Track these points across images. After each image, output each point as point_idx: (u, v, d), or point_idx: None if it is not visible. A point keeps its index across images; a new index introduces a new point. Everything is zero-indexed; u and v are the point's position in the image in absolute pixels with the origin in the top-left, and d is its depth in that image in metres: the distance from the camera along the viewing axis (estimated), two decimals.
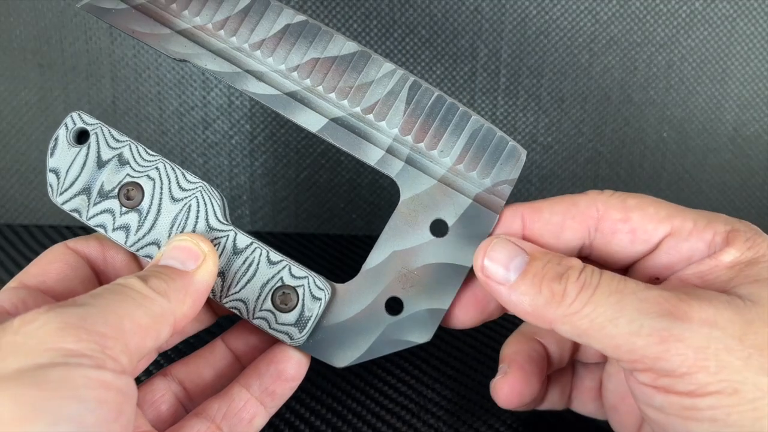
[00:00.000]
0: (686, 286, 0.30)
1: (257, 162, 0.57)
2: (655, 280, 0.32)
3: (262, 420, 0.33)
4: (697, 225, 0.31)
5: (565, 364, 0.37)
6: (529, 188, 0.58)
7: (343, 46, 0.33)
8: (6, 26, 0.53)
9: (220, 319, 0.37)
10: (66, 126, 0.33)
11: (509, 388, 0.35)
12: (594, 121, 0.56)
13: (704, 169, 0.58)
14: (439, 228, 0.33)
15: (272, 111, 0.49)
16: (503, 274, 0.29)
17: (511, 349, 0.36)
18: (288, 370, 0.33)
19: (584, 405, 0.38)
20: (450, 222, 0.33)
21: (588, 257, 0.33)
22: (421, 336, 0.33)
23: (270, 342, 0.34)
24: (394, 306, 0.33)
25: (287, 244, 0.57)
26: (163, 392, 0.34)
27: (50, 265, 0.32)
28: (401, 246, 0.33)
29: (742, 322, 0.26)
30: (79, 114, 0.33)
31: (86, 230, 0.58)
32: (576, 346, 0.37)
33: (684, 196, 0.58)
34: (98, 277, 0.34)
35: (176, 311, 0.28)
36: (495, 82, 0.55)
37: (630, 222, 0.31)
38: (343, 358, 0.33)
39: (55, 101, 0.55)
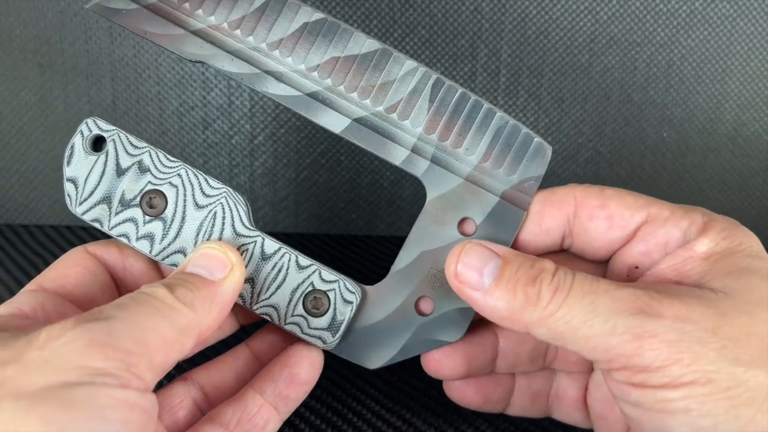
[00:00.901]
0: (661, 282, 0.30)
1: (257, 162, 0.57)
2: (635, 270, 0.32)
3: (275, 425, 0.33)
4: (675, 214, 0.31)
5: (527, 368, 0.36)
6: None
7: (364, 44, 0.32)
8: (6, 26, 0.53)
9: (247, 326, 0.36)
10: (81, 133, 0.32)
11: (438, 355, 0.34)
12: (594, 121, 0.56)
13: (704, 169, 0.58)
14: (466, 227, 0.33)
15: (274, 111, 0.49)
16: (477, 279, 0.29)
17: None
18: (302, 374, 0.33)
19: (568, 415, 0.37)
20: (478, 220, 0.33)
21: (570, 248, 0.34)
22: (453, 335, 0.33)
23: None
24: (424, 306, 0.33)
25: (287, 244, 0.56)
26: (182, 398, 0.33)
27: (69, 269, 0.32)
28: (430, 246, 0.33)
29: (715, 315, 0.27)
30: (94, 120, 0.32)
31: (88, 230, 0.58)
32: (543, 354, 0.36)
33: (684, 196, 0.58)
34: (116, 283, 0.33)
35: (202, 322, 0.28)
36: (495, 82, 0.55)
37: (607, 209, 0.32)
38: (376, 359, 0.33)
39: (55, 101, 0.55)
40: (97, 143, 0.32)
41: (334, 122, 0.33)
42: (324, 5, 0.53)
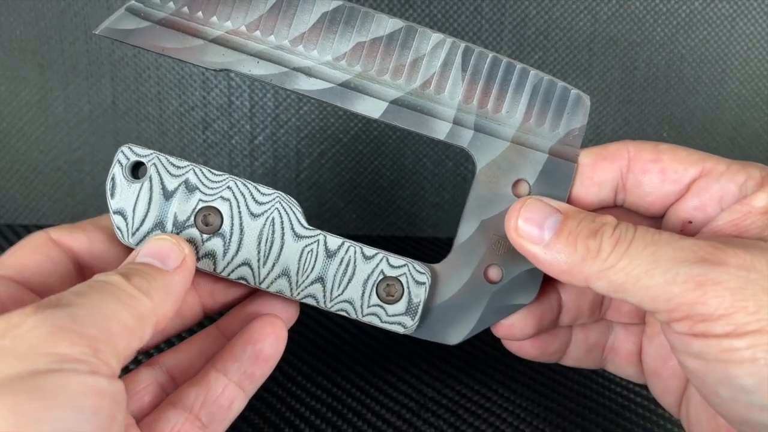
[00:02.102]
0: (721, 236, 0.30)
1: (257, 162, 0.57)
2: (689, 224, 0.32)
3: (241, 403, 0.32)
4: (730, 168, 0.31)
5: (586, 320, 0.36)
6: None
7: (387, 24, 0.32)
8: (6, 26, 0.53)
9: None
10: (119, 163, 0.31)
11: (509, 320, 0.34)
12: (594, 121, 0.56)
13: None
14: (520, 188, 0.33)
15: (273, 111, 0.49)
16: (538, 234, 0.29)
17: None
18: (266, 350, 0.32)
19: (621, 368, 0.37)
20: (531, 180, 0.33)
21: (623, 205, 0.33)
22: (526, 297, 0.33)
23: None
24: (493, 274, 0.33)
25: None
26: (148, 383, 0.32)
27: (29, 256, 0.31)
28: (488, 214, 0.33)
29: None
30: (129, 147, 0.31)
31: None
32: (600, 304, 0.36)
33: None
34: (82, 272, 0.32)
35: (158, 311, 0.27)
36: None
37: (660, 162, 0.32)
38: (456, 334, 0.33)
39: (55, 101, 0.55)
40: (137, 170, 0.32)
41: (371, 108, 0.32)
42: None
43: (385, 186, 0.57)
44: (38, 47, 0.54)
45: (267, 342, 0.32)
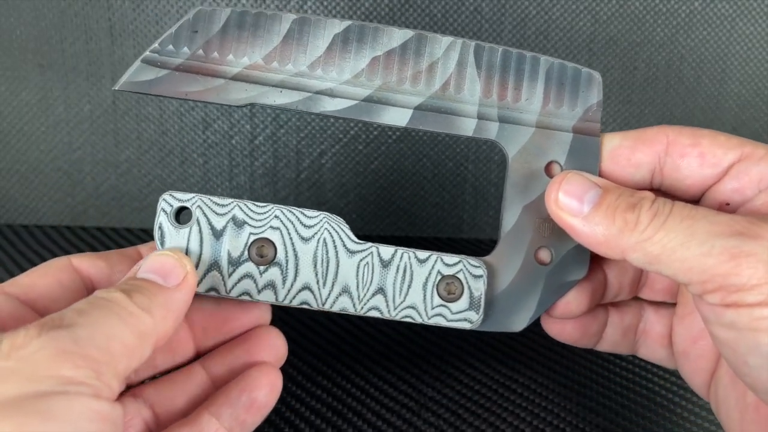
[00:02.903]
0: (757, 215, 0.31)
1: (257, 162, 0.57)
2: (726, 206, 0.32)
3: None
4: None
5: (625, 296, 0.37)
6: None
7: (397, 35, 0.33)
8: (7, 26, 0.53)
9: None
10: (164, 211, 0.32)
11: (565, 298, 0.35)
12: None
13: None
14: (554, 170, 0.34)
15: (274, 112, 0.49)
16: (577, 206, 0.30)
17: None
18: (261, 398, 0.32)
19: (653, 351, 0.37)
20: (561, 160, 0.34)
21: (659, 188, 0.34)
22: (578, 273, 0.34)
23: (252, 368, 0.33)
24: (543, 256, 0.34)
25: None
26: (133, 416, 0.32)
27: (41, 279, 0.31)
28: (528, 199, 0.34)
29: None
30: (170, 194, 0.32)
31: (88, 230, 0.58)
32: (638, 281, 0.37)
33: None
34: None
35: (159, 329, 0.27)
36: None
37: (699, 147, 0.32)
38: (519, 321, 0.34)
39: (55, 101, 0.55)
40: (181, 215, 0.32)
41: (397, 117, 0.33)
42: (323, 7, 0.53)
43: (385, 186, 0.57)
44: (38, 47, 0.54)
45: (262, 392, 0.32)
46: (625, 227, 0.29)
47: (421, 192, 0.57)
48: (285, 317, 0.46)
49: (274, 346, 0.34)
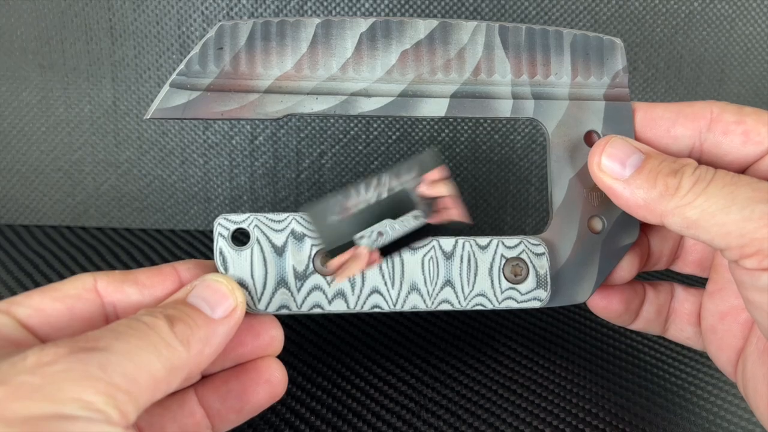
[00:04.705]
0: None
1: (257, 162, 0.56)
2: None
3: None
4: None
5: (662, 266, 0.38)
6: (529, 188, 0.57)
7: (422, 26, 0.33)
8: (7, 27, 0.53)
9: None
10: (221, 236, 0.31)
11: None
12: None
13: None
14: (593, 139, 0.34)
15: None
16: (619, 170, 0.30)
17: None
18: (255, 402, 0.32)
19: (681, 330, 0.37)
20: (599, 128, 0.34)
21: (698, 161, 0.33)
22: (631, 236, 0.35)
23: (248, 404, 0.32)
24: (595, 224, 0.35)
25: None
26: None
27: (52, 303, 0.29)
28: (573, 171, 0.34)
29: None
30: (224, 218, 0.31)
31: (88, 230, 0.57)
32: (676, 250, 0.37)
33: None
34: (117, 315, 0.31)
35: (191, 363, 0.26)
36: None
37: (744, 124, 0.32)
38: (583, 292, 0.34)
39: (55, 102, 0.55)
40: (238, 236, 0.32)
41: (435, 108, 0.33)
42: (324, 7, 0.53)
43: None
44: (39, 48, 0.54)
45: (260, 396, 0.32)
46: (665, 191, 0.29)
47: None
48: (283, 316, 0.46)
49: (272, 382, 0.33)
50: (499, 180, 0.57)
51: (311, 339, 0.46)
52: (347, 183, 0.57)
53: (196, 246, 0.56)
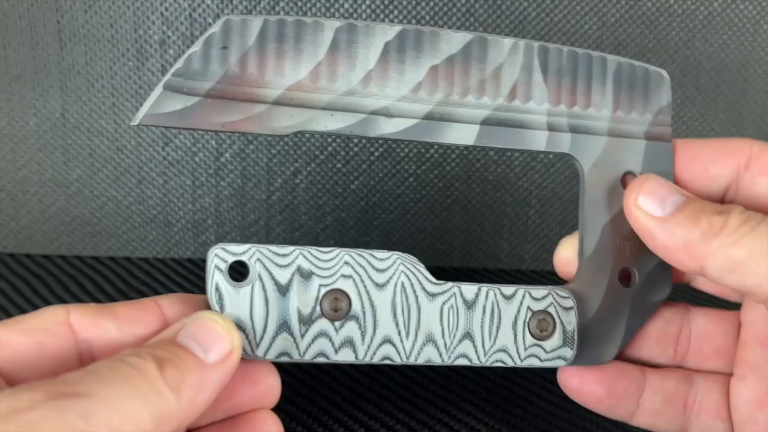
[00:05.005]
0: None
1: (223, 182, 0.55)
2: None
3: None
4: None
5: (646, 353, 0.35)
6: (528, 211, 0.56)
7: (456, 39, 0.31)
8: None
9: None
10: (218, 268, 0.29)
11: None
12: None
13: None
14: (627, 181, 0.33)
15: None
16: (658, 208, 0.30)
17: None
18: None
19: (708, 427, 0.34)
20: (637, 170, 0.33)
21: (733, 201, 0.33)
22: (663, 292, 0.34)
23: None
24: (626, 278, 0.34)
25: None
26: None
27: (18, 337, 0.27)
28: (607, 217, 0.33)
29: None
30: (221, 248, 0.29)
31: (33, 259, 0.54)
32: (676, 340, 0.35)
33: None
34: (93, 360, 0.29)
35: (181, 413, 0.25)
36: None
37: None
38: (609, 351, 0.33)
39: None
40: (236, 271, 0.30)
41: (463, 135, 0.31)
42: (298, 8, 0.52)
43: (367, 209, 0.55)
44: None
45: None
46: (709, 231, 0.28)
47: (407, 216, 0.56)
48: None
49: None
50: (494, 202, 0.56)
51: (308, 383, 0.44)
52: (324, 205, 0.56)
53: (155, 276, 0.54)
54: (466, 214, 0.56)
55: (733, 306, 0.34)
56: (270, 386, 0.31)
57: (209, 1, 0.51)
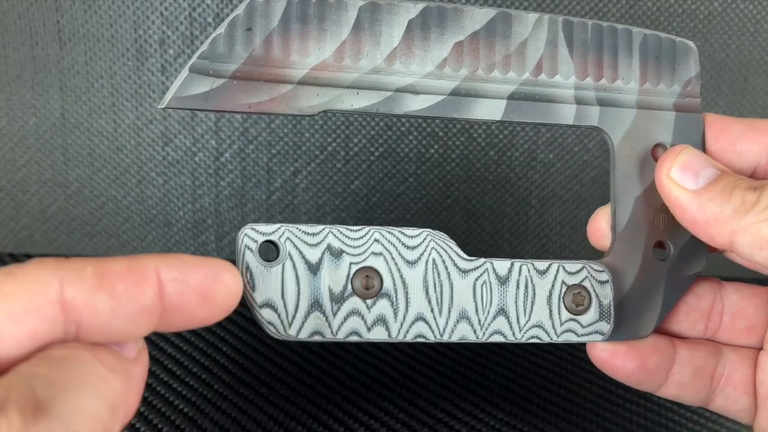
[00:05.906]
0: None
1: (223, 182, 0.55)
2: None
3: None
4: None
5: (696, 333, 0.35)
6: (528, 211, 0.56)
7: (479, 15, 0.31)
8: None
9: None
10: (248, 248, 0.28)
11: None
12: (600, 137, 0.53)
13: None
14: (658, 153, 0.33)
15: (242, 126, 0.45)
16: (691, 180, 0.30)
17: None
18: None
19: (733, 401, 0.34)
20: (668, 142, 0.33)
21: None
22: (698, 265, 0.33)
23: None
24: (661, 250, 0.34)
25: None
26: None
27: (12, 325, 0.22)
28: (639, 189, 0.33)
29: None
30: (251, 228, 0.29)
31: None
32: (708, 314, 0.35)
33: None
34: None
35: (125, 400, 0.24)
36: None
37: None
38: (646, 325, 0.33)
39: None
40: (267, 250, 0.29)
41: (490, 111, 0.31)
42: None
43: (367, 209, 0.55)
44: None
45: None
46: (741, 207, 0.28)
47: (407, 216, 0.56)
48: (270, 356, 0.43)
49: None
50: (494, 202, 0.56)
51: (308, 383, 0.44)
52: (324, 205, 0.55)
53: None
54: (466, 214, 0.56)
55: (765, 280, 0.34)
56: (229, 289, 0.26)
57: (209, 0, 0.51)
